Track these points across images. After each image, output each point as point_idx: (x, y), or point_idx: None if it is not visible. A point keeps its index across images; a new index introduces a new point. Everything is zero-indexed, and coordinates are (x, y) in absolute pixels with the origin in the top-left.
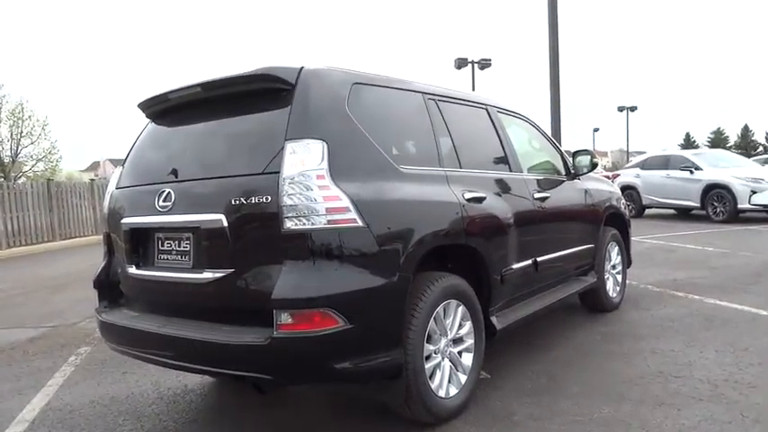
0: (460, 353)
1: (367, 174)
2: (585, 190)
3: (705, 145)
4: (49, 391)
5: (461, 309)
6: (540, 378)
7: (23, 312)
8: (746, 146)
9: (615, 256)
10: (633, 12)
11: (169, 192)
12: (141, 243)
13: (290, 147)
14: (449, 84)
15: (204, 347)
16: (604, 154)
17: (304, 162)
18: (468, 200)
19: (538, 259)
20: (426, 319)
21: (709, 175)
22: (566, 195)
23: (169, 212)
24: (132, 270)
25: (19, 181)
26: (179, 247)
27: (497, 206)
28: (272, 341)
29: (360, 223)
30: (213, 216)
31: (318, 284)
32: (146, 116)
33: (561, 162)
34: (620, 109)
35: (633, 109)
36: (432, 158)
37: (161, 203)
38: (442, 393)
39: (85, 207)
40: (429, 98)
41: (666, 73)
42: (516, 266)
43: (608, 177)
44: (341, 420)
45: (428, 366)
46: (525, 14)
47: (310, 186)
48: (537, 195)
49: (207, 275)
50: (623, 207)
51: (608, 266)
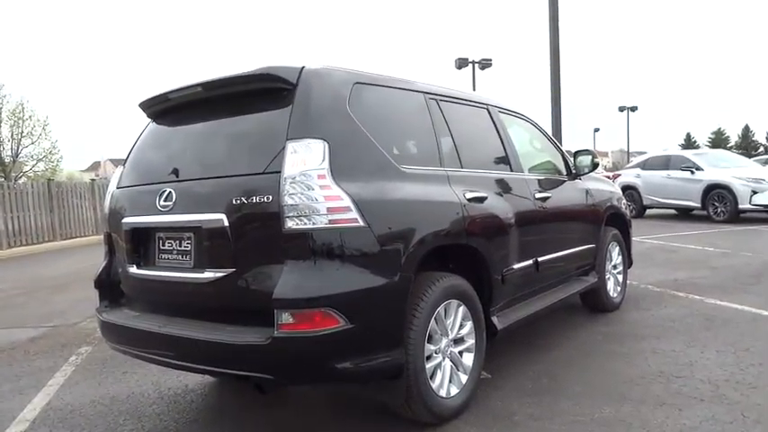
0: (461, 353)
1: (368, 173)
2: (586, 190)
3: (706, 145)
4: (50, 391)
5: (462, 309)
6: (541, 378)
7: (24, 312)
8: (747, 146)
9: (616, 256)
10: (634, 12)
11: (170, 191)
12: (142, 243)
13: (292, 146)
14: (450, 84)
15: (205, 347)
16: (605, 154)
17: (305, 162)
18: (469, 200)
19: (539, 259)
20: (427, 319)
21: (709, 176)
22: (567, 195)
23: (170, 212)
24: (133, 270)
25: (19, 181)
26: (180, 247)
27: (498, 206)
28: (273, 341)
29: (361, 223)
30: (214, 216)
31: (319, 284)
32: (146, 116)
33: (562, 162)
34: (620, 109)
35: (634, 109)
36: (433, 158)
37: (162, 203)
38: (443, 393)
39: (86, 207)
40: (430, 98)
41: (667, 73)
42: (517, 266)
43: (609, 177)
44: (341, 420)
45: (429, 366)
46: (526, 15)
47: (311, 186)
48: (538, 195)
49: (208, 275)
50: (624, 207)
51: (609, 266)
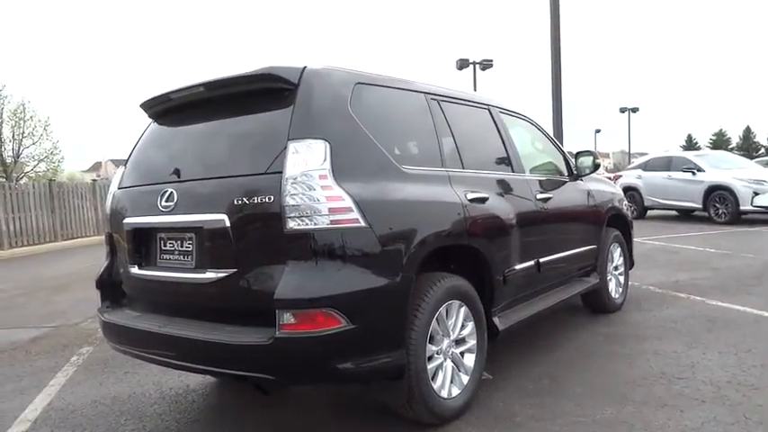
0: (463, 353)
1: (369, 174)
2: (588, 191)
3: (707, 146)
4: (51, 391)
5: (464, 309)
6: (543, 379)
7: (25, 312)
8: (748, 147)
9: (617, 257)
10: (635, 13)
11: (171, 192)
12: (143, 243)
13: (293, 147)
14: (451, 84)
15: (206, 347)
16: (606, 155)
17: (307, 162)
18: (470, 200)
19: (540, 260)
20: (429, 320)
21: (711, 177)
22: (568, 196)
23: (171, 212)
24: (134, 270)
25: (21, 181)
26: (181, 247)
27: (500, 207)
28: (275, 341)
29: (362, 223)
30: (216, 216)
31: (321, 284)
32: (148, 116)
33: (564, 163)
34: (622, 110)
35: (635, 110)
36: (434, 159)
37: (163, 203)
38: (445, 394)
39: (87, 207)
40: (431, 98)
41: (668, 74)
42: (519, 267)
43: (610, 178)
44: (341, 420)
45: (430, 367)
46: (527, 15)
47: (313, 186)
48: (539, 196)
49: (209, 275)
50: (626, 208)
51: (610, 267)
